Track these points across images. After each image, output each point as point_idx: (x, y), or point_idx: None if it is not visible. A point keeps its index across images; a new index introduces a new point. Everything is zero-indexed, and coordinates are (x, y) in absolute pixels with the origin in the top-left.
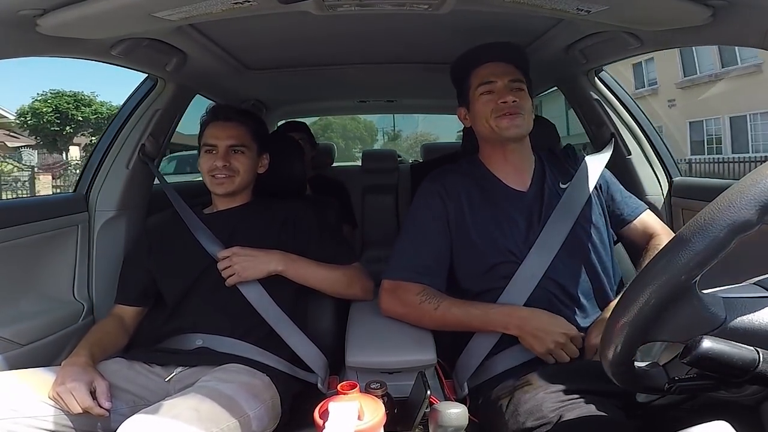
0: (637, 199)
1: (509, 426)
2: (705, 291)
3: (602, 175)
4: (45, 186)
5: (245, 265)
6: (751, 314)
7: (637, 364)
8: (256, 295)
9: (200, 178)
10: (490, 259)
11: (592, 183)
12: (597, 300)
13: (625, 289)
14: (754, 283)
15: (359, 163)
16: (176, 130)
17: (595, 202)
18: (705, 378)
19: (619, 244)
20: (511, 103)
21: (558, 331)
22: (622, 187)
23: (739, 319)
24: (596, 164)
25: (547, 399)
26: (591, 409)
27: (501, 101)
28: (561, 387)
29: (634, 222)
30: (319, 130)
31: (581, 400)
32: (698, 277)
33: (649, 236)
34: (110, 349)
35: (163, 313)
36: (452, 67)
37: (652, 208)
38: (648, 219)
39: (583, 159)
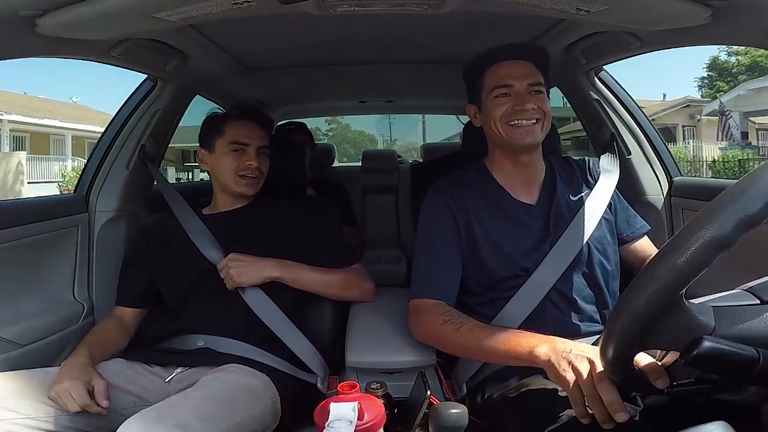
0: (641, 219)
1: (516, 426)
2: (694, 300)
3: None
4: None
5: (240, 271)
6: (740, 323)
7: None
8: (255, 298)
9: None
10: (498, 274)
11: (606, 200)
12: (600, 314)
13: (622, 293)
14: (746, 290)
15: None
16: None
17: (605, 219)
18: (704, 382)
19: None
20: (531, 111)
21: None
22: (627, 205)
23: (728, 327)
24: (609, 181)
25: (555, 399)
26: None
27: (518, 107)
28: None
29: (634, 244)
30: (336, 141)
31: None
32: (684, 289)
33: (644, 259)
34: (109, 350)
35: (164, 315)
36: (466, 67)
37: (652, 208)
38: (647, 243)
39: (599, 174)
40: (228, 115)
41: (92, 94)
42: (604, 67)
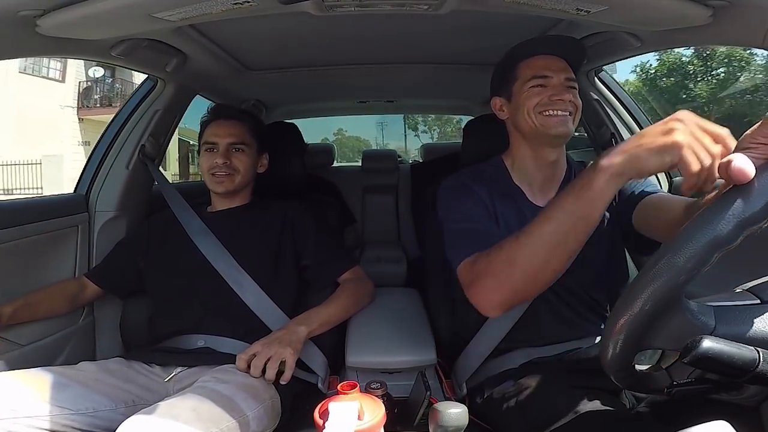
0: (647, 186)
1: (518, 424)
2: (695, 300)
3: None
4: None
5: (279, 350)
6: (740, 323)
7: (639, 367)
8: (255, 298)
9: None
10: None
11: None
12: (598, 311)
13: (623, 291)
14: (747, 290)
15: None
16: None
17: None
18: (704, 381)
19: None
20: (567, 102)
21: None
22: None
23: (728, 327)
24: None
25: (557, 395)
26: (602, 404)
27: (556, 97)
28: (566, 384)
29: (643, 202)
30: (338, 146)
31: (589, 395)
32: (684, 288)
33: (668, 209)
34: (38, 308)
35: (163, 314)
36: (501, 60)
37: None
38: (659, 196)
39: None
40: (206, 119)
41: None
42: (603, 67)
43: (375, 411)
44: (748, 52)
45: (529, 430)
